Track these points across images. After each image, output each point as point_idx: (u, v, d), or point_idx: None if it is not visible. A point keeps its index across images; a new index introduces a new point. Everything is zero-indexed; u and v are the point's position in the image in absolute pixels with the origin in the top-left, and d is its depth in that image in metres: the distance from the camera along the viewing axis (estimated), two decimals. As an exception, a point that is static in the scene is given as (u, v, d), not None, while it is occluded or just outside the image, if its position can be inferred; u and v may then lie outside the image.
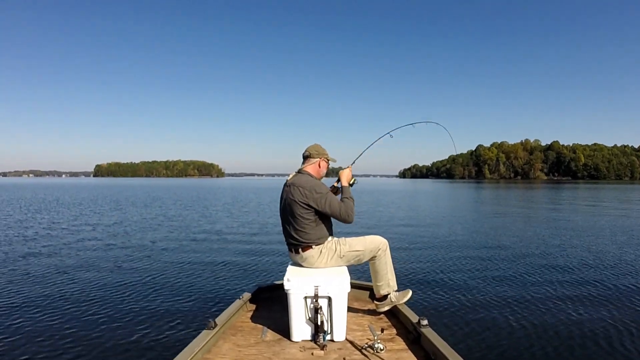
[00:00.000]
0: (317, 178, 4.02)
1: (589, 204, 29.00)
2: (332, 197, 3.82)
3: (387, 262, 4.00)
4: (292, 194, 3.81)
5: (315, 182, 3.87)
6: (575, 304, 6.02)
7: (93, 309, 5.86)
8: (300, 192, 3.77)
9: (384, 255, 3.97)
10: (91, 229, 14.56)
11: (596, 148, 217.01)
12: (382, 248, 3.95)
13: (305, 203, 3.76)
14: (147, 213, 21.18)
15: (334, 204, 3.79)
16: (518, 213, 21.32)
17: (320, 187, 3.82)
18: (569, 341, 4.71)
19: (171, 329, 5.08)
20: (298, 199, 3.77)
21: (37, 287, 7.01)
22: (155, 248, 10.76)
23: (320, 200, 3.75)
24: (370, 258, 3.96)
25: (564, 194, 46.14)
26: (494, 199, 35.73)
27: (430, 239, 12.20)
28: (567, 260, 9.04)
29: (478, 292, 6.59)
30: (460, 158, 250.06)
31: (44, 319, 5.46)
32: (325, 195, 3.78)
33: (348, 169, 4.22)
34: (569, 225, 15.84)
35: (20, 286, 7.10)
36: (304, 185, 3.80)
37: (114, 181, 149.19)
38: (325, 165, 4.13)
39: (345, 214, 3.79)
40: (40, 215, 19.51)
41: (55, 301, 6.22)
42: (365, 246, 3.91)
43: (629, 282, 7.30)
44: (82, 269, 8.24)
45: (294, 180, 3.90)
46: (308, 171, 4.01)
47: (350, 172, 4.19)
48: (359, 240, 3.95)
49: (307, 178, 3.90)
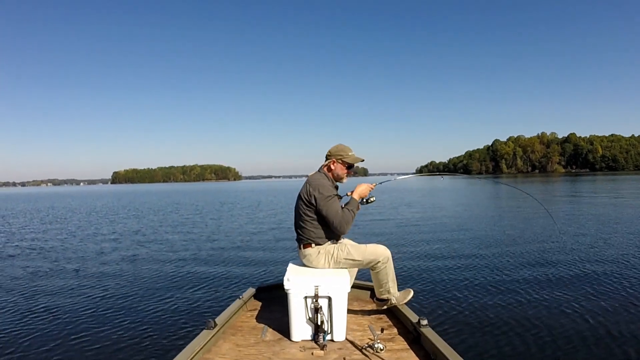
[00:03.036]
0: (332, 178, 3.96)
1: (604, 196, 28.58)
2: (334, 202, 3.76)
3: (389, 273, 3.92)
4: (302, 190, 3.88)
5: (323, 182, 3.84)
6: (576, 304, 5.94)
7: (94, 308, 5.98)
8: (307, 189, 3.81)
9: (383, 267, 3.89)
10: (95, 233, 14.74)
11: (614, 139, 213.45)
12: (382, 260, 3.85)
13: (308, 200, 3.78)
14: (153, 216, 21.41)
15: (332, 209, 3.73)
16: (527, 209, 21.09)
17: (326, 189, 3.78)
18: (569, 341, 4.67)
19: (171, 328, 5.15)
20: (304, 195, 3.82)
21: (37, 286, 7.15)
22: (156, 248, 10.92)
23: (321, 201, 3.74)
24: (369, 267, 3.92)
25: (579, 186, 45.47)
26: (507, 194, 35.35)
27: (431, 238, 12.11)
28: (569, 259, 8.90)
29: (478, 292, 6.56)
30: (477, 153, 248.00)
31: (44, 318, 5.57)
32: (326, 197, 3.74)
33: (366, 185, 4.00)
34: (574, 221, 15.64)
35: (21, 285, 7.26)
36: (312, 183, 3.83)
37: (131, 187, 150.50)
38: (340, 167, 3.97)
39: (339, 223, 3.72)
40: (51, 224, 19.76)
41: (56, 301, 6.35)
42: (364, 257, 3.83)
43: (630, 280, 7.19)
44: (84, 271, 8.39)
45: (310, 177, 3.95)
46: (324, 170, 4.00)
47: (367, 189, 3.99)
48: (359, 248, 3.88)
49: (319, 177, 3.91)
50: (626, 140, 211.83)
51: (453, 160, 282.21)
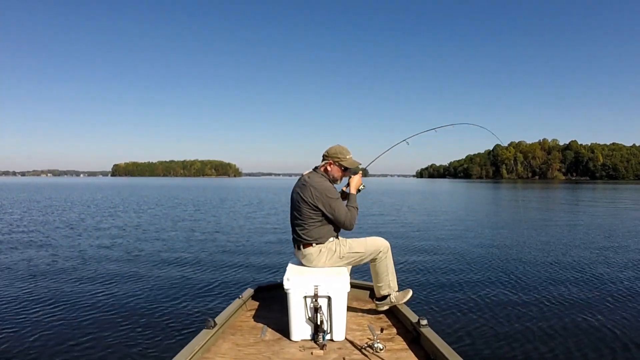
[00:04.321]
0: (329, 179, 3.98)
1: (602, 204, 28.59)
2: (341, 204, 3.84)
3: (388, 264, 3.99)
4: (303, 193, 3.82)
5: (327, 185, 3.85)
6: (576, 304, 5.97)
7: (93, 308, 5.92)
8: (312, 193, 3.77)
9: (384, 258, 3.96)
10: (94, 229, 14.67)
11: (615, 148, 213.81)
12: (383, 250, 3.94)
13: (314, 204, 3.76)
14: (152, 213, 21.35)
15: (340, 210, 3.80)
16: (527, 214, 21.11)
17: (332, 192, 3.81)
18: (569, 341, 4.68)
19: (171, 328, 5.12)
20: (309, 199, 3.78)
21: (37, 286, 7.11)
22: (155, 247, 10.88)
23: (329, 204, 3.76)
24: (370, 260, 3.96)
25: (578, 194, 45.50)
26: (508, 198, 35.39)
27: (431, 238, 12.15)
28: (569, 261, 8.93)
29: (478, 292, 6.56)
30: (478, 158, 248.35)
31: (44, 318, 5.52)
32: (335, 200, 3.80)
33: (358, 176, 4.13)
34: (576, 226, 15.62)
35: (20, 283, 7.23)
36: (316, 186, 3.79)
37: (132, 181, 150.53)
38: (337, 169, 3.98)
39: (349, 223, 3.85)
40: (51, 216, 19.78)
41: (55, 300, 6.30)
42: (366, 248, 3.91)
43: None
44: (82, 269, 8.33)
45: (308, 179, 3.89)
46: (322, 171, 4.00)
47: (360, 180, 4.13)
48: (360, 241, 3.94)
49: (320, 179, 3.88)
50: (627, 149, 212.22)
51: (454, 164, 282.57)
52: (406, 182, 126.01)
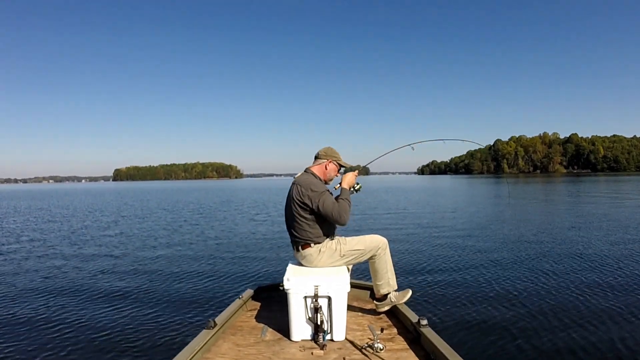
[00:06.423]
0: (323, 179, 4.03)
1: (605, 197, 28.57)
2: (327, 196, 3.81)
3: (387, 261, 4.00)
4: (293, 192, 3.88)
5: (312, 180, 3.89)
6: (576, 303, 5.92)
7: (93, 308, 5.97)
8: (298, 190, 3.82)
9: (383, 254, 3.97)
10: (96, 230, 14.75)
11: (615, 139, 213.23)
12: (382, 247, 3.95)
13: (302, 201, 3.79)
14: (154, 215, 21.41)
15: (327, 203, 3.76)
16: (527, 209, 21.09)
17: (316, 186, 3.83)
18: (570, 341, 4.66)
19: (171, 328, 5.15)
20: (296, 196, 3.82)
21: (37, 285, 7.16)
22: (156, 248, 10.91)
23: (315, 198, 3.75)
24: (370, 257, 3.96)
25: (582, 187, 45.42)
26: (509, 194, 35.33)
27: (431, 237, 12.12)
28: (573, 258, 8.85)
29: (478, 292, 6.53)
30: (479, 153, 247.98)
31: (44, 317, 5.58)
32: (320, 193, 3.78)
33: (352, 174, 4.18)
34: (576, 222, 15.59)
35: (20, 282, 7.27)
36: (302, 184, 3.84)
37: (133, 185, 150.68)
38: (334, 169, 4.10)
39: (338, 214, 3.75)
40: (51, 223, 19.79)
41: (56, 300, 6.35)
42: (366, 245, 3.92)
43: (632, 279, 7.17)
44: (83, 270, 8.39)
45: (297, 179, 3.95)
46: (313, 171, 4.04)
47: (353, 178, 4.15)
48: (359, 239, 3.96)
49: (307, 176, 3.94)
50: (628, 141, 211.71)
51: (455, 160, 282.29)
52: (408, 180, 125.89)
